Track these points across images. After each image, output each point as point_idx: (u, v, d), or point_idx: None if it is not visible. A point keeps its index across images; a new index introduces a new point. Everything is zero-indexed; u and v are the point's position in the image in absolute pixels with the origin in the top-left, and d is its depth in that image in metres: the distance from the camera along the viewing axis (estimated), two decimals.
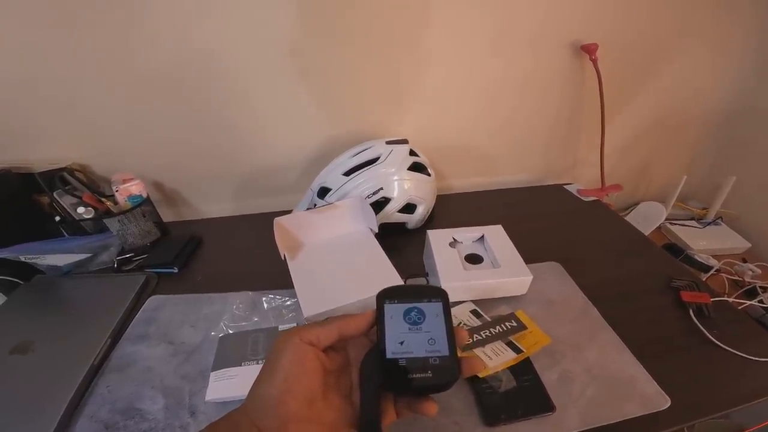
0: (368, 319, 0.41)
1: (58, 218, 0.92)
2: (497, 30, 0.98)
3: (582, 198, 1.17)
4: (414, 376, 0.37)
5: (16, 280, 0.86)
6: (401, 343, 0.39)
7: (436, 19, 0.93)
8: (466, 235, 0.83)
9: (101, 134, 0.97)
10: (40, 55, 0.84)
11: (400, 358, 0.38)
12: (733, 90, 1.24)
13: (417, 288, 0.44)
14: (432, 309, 0.42)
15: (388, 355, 0.38)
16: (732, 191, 1.24)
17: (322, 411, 0.36)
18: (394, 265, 0.77)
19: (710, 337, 0.68)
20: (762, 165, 1.25)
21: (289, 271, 0.78)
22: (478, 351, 0.63)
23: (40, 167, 0.91)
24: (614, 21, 1.02)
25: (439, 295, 0.43)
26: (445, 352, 0.39)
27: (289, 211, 0.91)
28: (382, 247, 0.83)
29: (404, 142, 0.97)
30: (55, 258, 0.86)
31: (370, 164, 0.92)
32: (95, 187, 0.98)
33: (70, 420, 0.58)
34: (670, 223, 1.31)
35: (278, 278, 0.78)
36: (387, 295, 0.42)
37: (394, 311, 0.41)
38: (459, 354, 0.39)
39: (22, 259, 0.84)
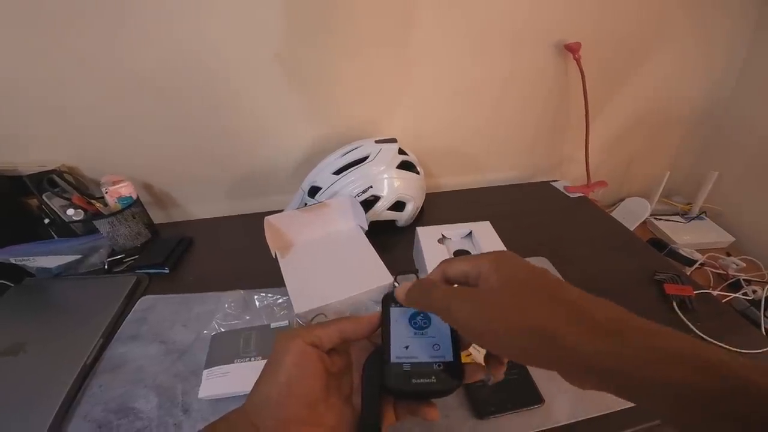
0: (373, 322, 0.40)
1: (47, 220, 0.92)
2: (483, 29, 0.99)
3: (569, 195, 1.19)
4: (417, 381, 0.36)
5: (6, 282, 0.85)
6: (406, 347, 0.38)
7: (422, 18, 0.94)
8: (455, 232, 0.84)
9: (90, 136, 0.96)
10: (28, 56, 0.83)
11: (405, 363, 0.37)
12: (715, 87, 1.26)
13: None
14: None
15: (393, 360, 0.37)
16: (715, 186, 1.26)
17: (323, 413, 0.36)
18: (384, 262, 0.78)
19: (694, 329, 0.70)
20: (743, 160, 1.27)
21: (280, 270, 0.79)
22: None
23: (29, 169, 0.90)
24: (597, 20, 1.03)
25: None
26: (450, 357, 0.38)
27: (280, 211, 0.91)
28: (372, 244, 0.84)
29: (393, 141, 0.98)
30: (46, 260, 0.86)
31: (360, 163, 0.93)
32: (85, 189, 0.98)
33: (63, 420, 0.58)
34: (655, 219, 1.34)
35: (270, 277, 0.79)
36: (393, 299, 0.41)
37: (399, 315, 0.40)
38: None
39: (12, 261, 0.84)
